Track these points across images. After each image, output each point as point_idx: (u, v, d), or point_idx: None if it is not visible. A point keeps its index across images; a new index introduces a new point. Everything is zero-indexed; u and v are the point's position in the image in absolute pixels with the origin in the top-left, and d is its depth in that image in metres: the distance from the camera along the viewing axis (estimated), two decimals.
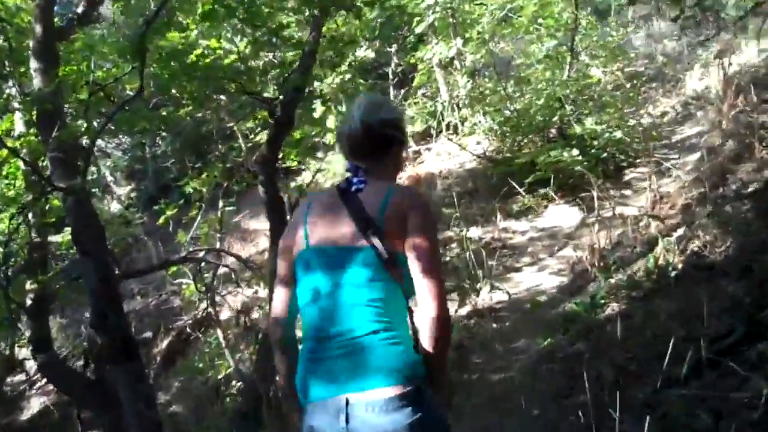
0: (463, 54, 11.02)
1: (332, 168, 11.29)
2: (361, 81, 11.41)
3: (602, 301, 6.32)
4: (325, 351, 2.26)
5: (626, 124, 9.53)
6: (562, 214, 8.92)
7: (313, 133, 10.27)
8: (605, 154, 9.20)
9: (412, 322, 2.36)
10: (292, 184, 10.73)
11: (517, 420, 4.99)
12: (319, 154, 11.37)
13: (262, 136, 11.60)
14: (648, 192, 7.85)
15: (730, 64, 9.49)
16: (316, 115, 8.83)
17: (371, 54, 11.27)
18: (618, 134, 9.14)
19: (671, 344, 4.80)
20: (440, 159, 11.47)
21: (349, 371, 2.20)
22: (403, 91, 13.10)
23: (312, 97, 7.37)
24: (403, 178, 11.50)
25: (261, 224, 12.05)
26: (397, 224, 2.30)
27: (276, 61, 6.05)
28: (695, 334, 4.90)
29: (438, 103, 11.55)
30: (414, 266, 2.27)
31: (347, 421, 2.15)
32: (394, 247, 2.28)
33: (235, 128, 10.05)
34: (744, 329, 4.45)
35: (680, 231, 6.52)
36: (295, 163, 9.29)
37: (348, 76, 10.56)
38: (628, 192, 8.86)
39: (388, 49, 12.60)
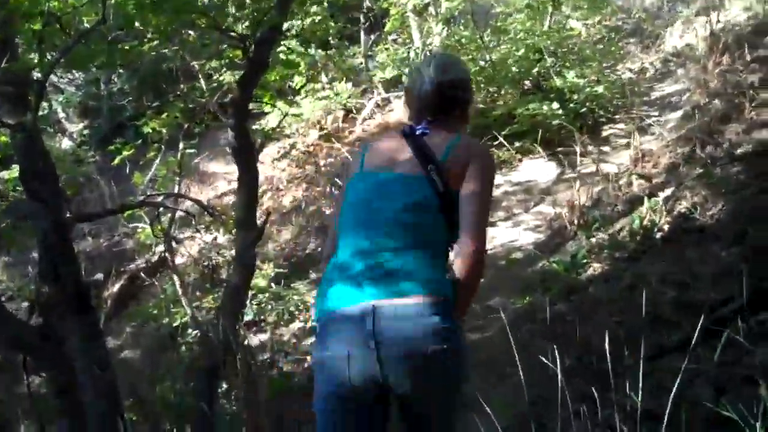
0: (439, 0, 10.55)
1: (301, 112, 10.85)
2: (332, 24, 10.92)
3: (584, 261, 6.06)
4: (357, 264, 2.28)
5: (607, 79, 9.19)
6: (538, 169, 8.62)
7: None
8: (584, 109, 8.89)
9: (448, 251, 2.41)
10: (255, 127, 10.26)
11: (500, 385, 4.69)
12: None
13: (226, 77, 11.10)
14: (631, 149, 7.55)
15: (718, 21, 9.18)
16: (291, 56, 8.41)
17: None
18: (600, 89, 8.82)
19: (664, 311, 4.58)
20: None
21: (378, 279, 2.22)
22: (373, 36, 12.59)
23: (284, 37, 6.92)
24: (371, 125, 11.12)
25: (220, 167, 11.65)
26: (458, 168, 2.34)
27: None
28: (688, 300, 4.66)
29: (411, 50, 11.09)
30: (465, 204, 2.30)
31: (374, 325, 2.15)
32: (451, 185, 2.32)
33: (197, 67, 9.55)
34: (743, 299, 4.18)
35: (667, 191, 6.26)
36: (269, 107, 8.79)
37: (318, 18, 10.06)
38: (607, 149, 8.58)
39: None
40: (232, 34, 5.18)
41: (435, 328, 2.16)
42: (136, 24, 4.83)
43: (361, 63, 12.42)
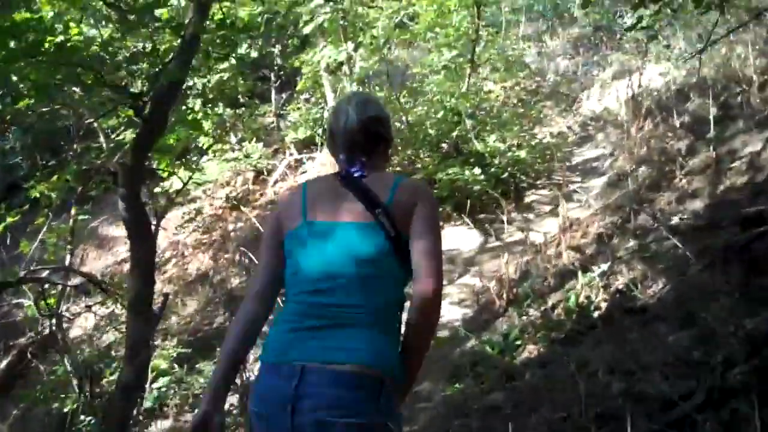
0: (354, 59, 10.15)
1: (207, 175, 10.20)
2: (241, 81, 10.39)
3: (517, 342, 5.59)
4: (302, 318, 2.18)
5: (528, 143, 8.91)
6: (460, 237, 8.18)
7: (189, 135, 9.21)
8: (506, 175, 8.55)
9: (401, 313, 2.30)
10: (157, 189, 9.56)
11: None
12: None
13: (127, 135, 10.39)
14: (559, 218, 7.20)
15: (639, 86, 9.05)
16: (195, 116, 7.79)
17: (253, 53, 10.23)
18: (521, 153, 8.51)
19: (611, 405, 4.12)
20: (325, 170, 10.56)
21: (319, 338, 2.12)
22: (285, 95, 12.11)
23: (186, 96, 6.32)
24: (283, 187, 10.56)
25: (121, 231, 10.77)
26: (404, 210, 2.26)
27: (146, 48, 4.92)
28: (639, 392, 4.21)
29: (324, 110, 10.63)
30: (418, 246, 2.21)
31: (297, 386, 2.04)
32: (399, 227, 2.23)
33: (96, 125, 8.85)
34: (704, 394, 3.75)
35: (603, 266, 5.87)
36: (166, 173, 8.13)
37: (226, 75, 9.51)
38: (531, 216, 8.24)
39: (272, 49, 11.61)
40: (122, 91, 4.56)
41: (356, 402, 2.05)
42: (13, 77, 4.18)
43: (273, 123, 11.92)
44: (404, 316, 2.26)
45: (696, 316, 4.62)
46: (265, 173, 10.82)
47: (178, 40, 4.53)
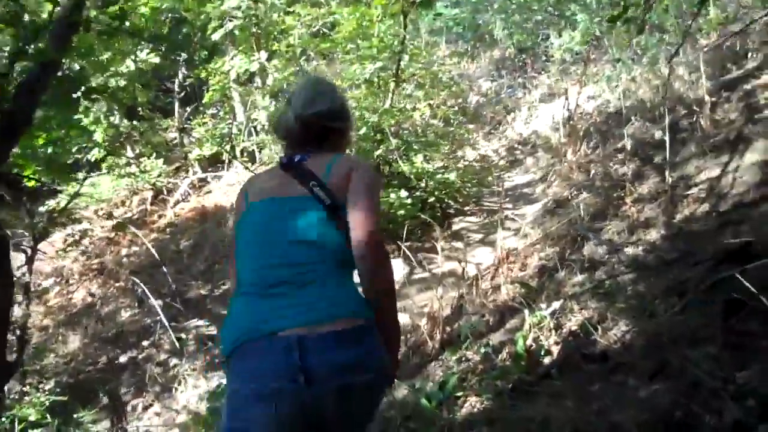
0: (267, 70, 9.29)
1: (96, 192, 9.12)
2: (140, 88, 9.40)
3: (457, 393, 4.79)
4: (269, 290, 2.20)
5: (456, 165, 8.22)
6: None
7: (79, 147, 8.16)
8: (432, 199, 7.81)
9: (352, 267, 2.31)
10: (42, 209, 8.45)
11: None
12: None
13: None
14: (497, 248, 6.48)
15: (578, 105, 8.49)
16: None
17: (155, 59, 9.24)
18: (451, 176, 7.79)
19: None
20: (232, 190, 9.62)
21: (294, 305, 2.15)
22: (190, 108, 11.12)
23: (70, 86, 5.35)
24: (185, 209, 9.57)
25: None
26: (341, 180, 2.34)
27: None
28: None
29: (233, 126, 9.72)
30: (352, 204, 2.29)
31: (302, 356, 2.05)
32: (335, 197, 2.31)
33: None
34: None
35: (555, 303, 5.14)
36: (33, 183, 7.00)
37: (121, 81, 8.53)
38: (459, 244, 7.50)
39: (176, 58, 10.64)
40: None
41: (367, 355, 2.13)
42: None
43: (175, 138, 10.92)
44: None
45: (670, 366, 3.94)
46: (165, 193, 9.78)
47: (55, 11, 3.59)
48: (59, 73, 4.16)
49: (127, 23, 3.75)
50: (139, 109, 10.49)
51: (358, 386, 2.10)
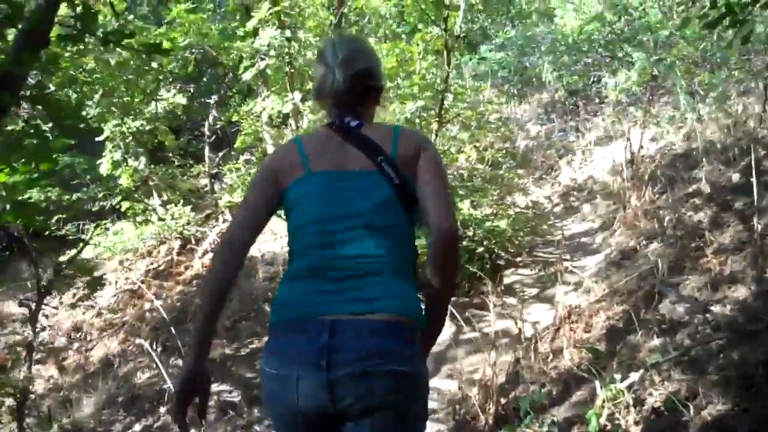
0: (302, 111, 8.67)
1: (120, 242, 8.53)
2: (168, 134, 8.85)
3: None
4: (322, 268, 2.10)
5: (506, 213, 7.47)
6: None
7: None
8: (481, 249, 7.06)
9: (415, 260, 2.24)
10: (63, 258, 7.90)
11: None
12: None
13: (34, 194, 8.82)
14: (560, 306, 5.68)
15: (641, 147, 7.73)
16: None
17: (182, 100, 8.70)
18: (502, 224, 7.04)
19: None
20: (264, 238, 8.98)
21: (343, 291, 2.05)
22: (221, 153, 10.56)
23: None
24: None
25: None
26: (408, 159, 2.21)
27: None
28: None
29: None
30: (429, 191, 2.17)
31: (330, 340, 1.96)
32: (405, 177, 2.18)
33: None
34: None
35: (632, 375, 4.33)
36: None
37: (147, 125, 7.99)
38: (512, 300, 6.73)
39: (206, 100, 10.13)
40: None
41: (396, 350, 1.99)
42: None
43: (206, 185, 10.35)
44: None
45: None
46: (194, 242, 9.16)
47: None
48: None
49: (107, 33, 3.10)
50: (170, 154, 9.98)
51: (382, 374, 1.96)
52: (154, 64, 7.62)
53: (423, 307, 2.17)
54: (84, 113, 8.26)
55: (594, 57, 12.27)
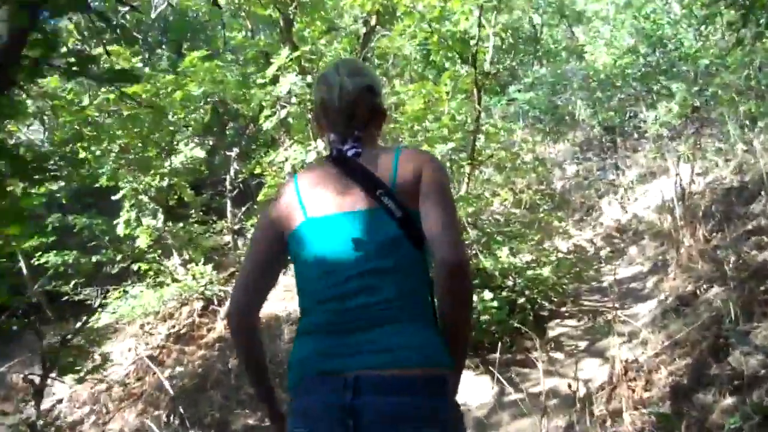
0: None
1: (139, 305, 8.08)
2: (188, 191, 8.44)
3: None
4: (335, 323, 1.98)
5: (548, 259, 6.91)
6: (465, 386, 6.02)
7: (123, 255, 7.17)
8: (522, 299, 6.50)
9: (433, 297, 2.04)
10: (77, 326, 7.45)
11: None
12: None
13: (51, 258, 8.49)
14: (616, 362, 5.09)
15: (692, 182, 7.15)
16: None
17: (200, 153, 8.31)
18: (545, 272, 6.48)
19: None
20: (290, 296, 8.46)
21: (363, 344, 1.91)
22: (244, 208, 10.14)
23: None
24: None
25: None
26: (410, 183, 2.04)
27: None
28: None
29: None
30: (431, 217, 1.99)
31: (354, 398, 1.84)
32: (408, 206, 2.02)
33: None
34: None
35: None
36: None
37: (164, 181, 7.60)
38: (559, 355, 6.14)
39: (227, 153, 9.75)
40: None
41: (425, 408, 1.84)
42: None
43: (229, 242, 9.92)
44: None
45: None
46: (216, 303, 8.67)
47: None
48: None
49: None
50: (191, 211, 9.58)
51: None
52: (170, 117, 7.24)
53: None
54: (100, 170, 7.93)
55: (629, 91, 11.78)
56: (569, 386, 4.99)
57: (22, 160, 2.74)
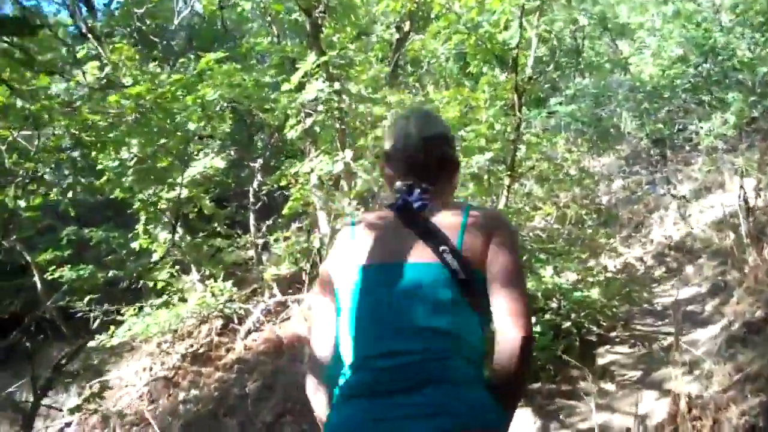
0: (354, 172, 7.67)
1: (154, 323, 7.60)
2: (205, 197, 7.96)
3: None
4: (383, 382, 1.83)
5: (596, 279, 6.27)
6: None
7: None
8: (568, 323, 5.86)
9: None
10: (92, 343, 7.00)
11: None
12: None
13: (65, 273, 8.08)
14: (681, 400, 4.44)
15: (758, 196, 6.49)
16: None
17: (220, 163, 7.80)
18: (594, 293, 5.85)
19: None
20: (320, 313, 7.94)
21: (412, 407, 1.77)
22: (269, 222, 9.63)
23: None
24: (258, 340, 7.90)
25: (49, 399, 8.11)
26: (477, 246, 1.94)
27: None
28: None
29: (314, 239, 8.11)
30: (496, 283, 1.90)
31: None
32: (472, 266, 1.92)
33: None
34: None
35: None
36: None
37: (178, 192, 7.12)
38: (610, 386, 5.49)
39: (251, 164, 9.26)
40: None
41: None
42: None
43: (252, 257, 9.42)
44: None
45: None
46: (236, 321, 8.15)
47: None
48: None
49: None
50: (215, 224, 9.11)
51: None
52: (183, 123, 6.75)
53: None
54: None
55: (678, 103, 11.10)
56: (628, 430, 4.36)
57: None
